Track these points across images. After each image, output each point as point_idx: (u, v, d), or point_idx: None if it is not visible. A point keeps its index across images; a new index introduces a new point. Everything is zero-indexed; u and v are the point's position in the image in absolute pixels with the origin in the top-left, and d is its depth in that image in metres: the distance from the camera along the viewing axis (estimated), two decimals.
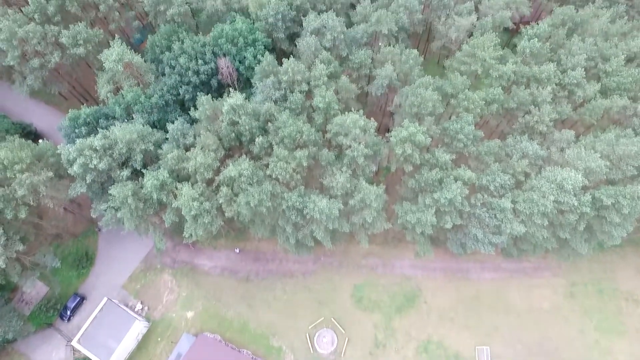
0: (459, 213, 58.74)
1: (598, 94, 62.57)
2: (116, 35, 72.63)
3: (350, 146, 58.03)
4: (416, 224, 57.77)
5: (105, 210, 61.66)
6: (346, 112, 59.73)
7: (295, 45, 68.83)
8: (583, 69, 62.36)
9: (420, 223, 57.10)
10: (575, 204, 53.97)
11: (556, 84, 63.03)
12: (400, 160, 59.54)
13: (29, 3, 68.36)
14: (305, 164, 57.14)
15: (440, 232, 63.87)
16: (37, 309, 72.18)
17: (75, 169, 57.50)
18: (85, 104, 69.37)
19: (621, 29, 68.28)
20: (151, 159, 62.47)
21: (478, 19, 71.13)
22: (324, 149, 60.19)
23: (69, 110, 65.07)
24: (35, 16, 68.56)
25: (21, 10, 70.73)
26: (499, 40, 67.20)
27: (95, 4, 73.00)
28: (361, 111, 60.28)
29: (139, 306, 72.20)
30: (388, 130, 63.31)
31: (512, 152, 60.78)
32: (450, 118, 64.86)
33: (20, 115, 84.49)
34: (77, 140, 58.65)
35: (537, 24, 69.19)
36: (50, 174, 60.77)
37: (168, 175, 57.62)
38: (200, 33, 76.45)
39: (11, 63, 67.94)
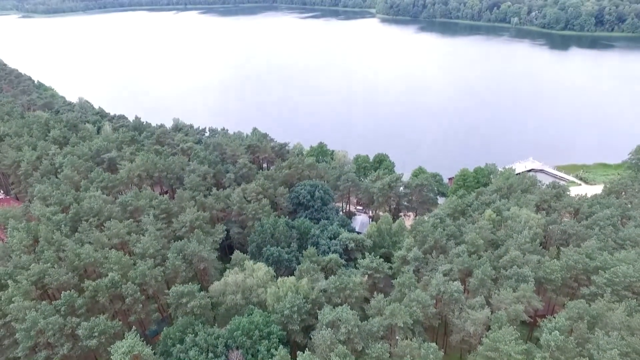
0: None
1: None
2: (133, 327, 73.36)
3: None
4: None
5: None
6: None
7: (310, 338, 67.92)
8: None
9: None
10: None
11: None
12: None
13: (61, 296, 72.48)
14: None
15: None
16: None
17: None
18: None
19: None
20: None
21: (492, 312, 71.68)
22: None
23: None
24: (62, 308, 71.36)
25: (51, 303, 74.41)
26: (519, 333, 65.46)
27: (123, 296, 77.28)
28: None
29: None
30: None
31: None
32: None
33: None
34: None
35: (554, 317, 68.86)
36: None
37: None
38: (217, 325, 77.10)
39: (19, 354, 66.20)
